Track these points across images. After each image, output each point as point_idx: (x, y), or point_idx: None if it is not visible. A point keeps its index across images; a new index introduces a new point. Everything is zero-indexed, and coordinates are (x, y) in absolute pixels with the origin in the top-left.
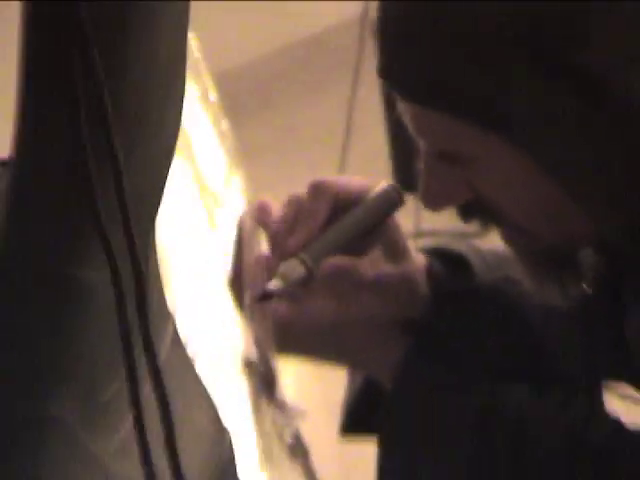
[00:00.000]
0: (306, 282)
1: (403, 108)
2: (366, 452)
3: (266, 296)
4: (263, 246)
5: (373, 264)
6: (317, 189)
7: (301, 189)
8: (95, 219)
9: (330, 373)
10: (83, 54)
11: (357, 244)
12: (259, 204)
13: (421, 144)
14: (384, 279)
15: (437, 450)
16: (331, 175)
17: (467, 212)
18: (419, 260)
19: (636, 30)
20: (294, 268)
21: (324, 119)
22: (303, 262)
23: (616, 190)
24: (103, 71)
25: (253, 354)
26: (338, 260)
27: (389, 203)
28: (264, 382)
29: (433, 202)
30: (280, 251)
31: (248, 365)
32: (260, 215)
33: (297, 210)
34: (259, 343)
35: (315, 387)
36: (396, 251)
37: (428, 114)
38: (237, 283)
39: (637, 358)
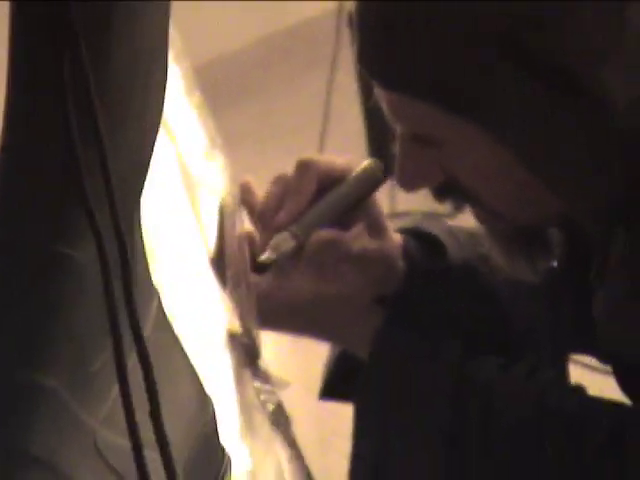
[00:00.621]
0: (297, 253)
1: (379, 93)
2: (345, 422)
3: (260, 267)
4: (245, 225)
5: (358, 238)
6: (304, 167)
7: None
8: (82, 198)
9: (310, 344)
10: (69, 43)
11: (341, 220)
12: (242, 185)
13: (397, 127)
14: (367, 253)
15: (411, 418)
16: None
17: (441, 193)
18: (396, 238)
19: (607, 27)
20: (285, 240)
21: (302, 107)
22: (293, 234)
23: (584, 175)
24: (88, 58)
25: (236, 327)
26: (326, 233)
27: (372, 180)
28: (247, 354)
29: (408, 183)
30: (270, 225)
31: (232, 338)
32: (243, 195)
33: (284, 187)
34: (242, 316)
35: (295, 358)
36: (377, 228)
37: (403, 99)
38: (220, 261)
39: (602, 335)
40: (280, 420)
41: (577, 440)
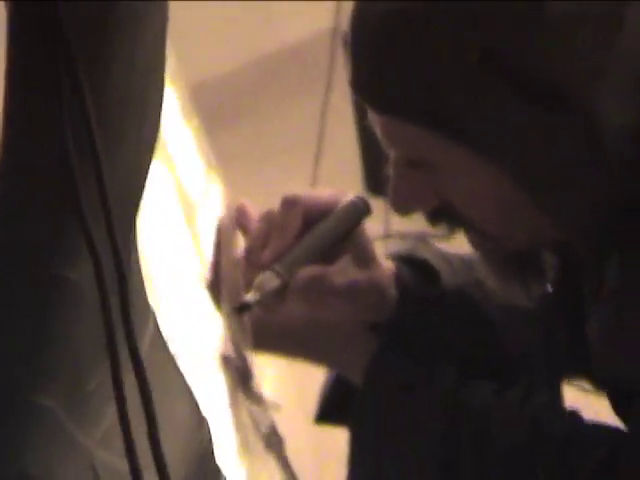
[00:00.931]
0: (281, 292)
1: (373, 117)
2: (341, 444)
3: (243, 307)
4: (241, 248)
5: (343, 271)
6: (289, 203)
7: (274, 197)
8: (78, 217)
9: (305, 367)
10: (66, 58)
11: (328, 254)
12: (238, 207)
13: (390, 151)
14: (354, 285)
15: (405, 444)
16: (304, 185)
17: (435, 217)
18: (387, 266)
19: (599, 47)
20: (269, 279)
21: (297, 128)
22: (277, 273)
23: (573, 196)
24: (85, 76)
25: (230, 350)
26: (310, 269)
27: (357, 213)
28: (241, 377)
29: (402, 207)
30: (255, 264)
31: (225, 361)
32: (239, 218)
33: (270, 224)
34: (235, 340)
35: (291, 381)
36: (365, 258)
37: (396, 123)
38: (215, 284)
39: (597, 358)
40: (273, 441)
41: (569, 466)
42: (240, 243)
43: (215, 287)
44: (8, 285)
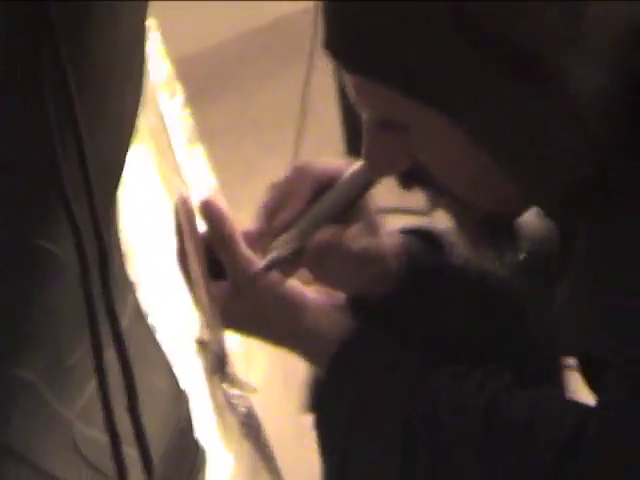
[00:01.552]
0: (297, 255)
1: (347, 78)
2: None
3: (268, 268)
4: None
5: (357, 237)
6: (299, 171)
7: (257, 171)
8: (59, 190)
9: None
10: (48, 35)
11: (338, 221)
12: (205, 201)
13: (363, 112)
14: (366, 252)
15: (369, 430)
16: (285, 160)
17: (407, 180)
18: (393, 237)
19: (572, 13)
20: (284, 244)
21: (280, 103)
22: (292, 238)
23: (546, 168)
24: (67, 51)
25: (205, 334)
26: (326, 233)
27: (365, 180)
28: (217, 360)
29: (375, 169)
30: (268, 231)
31: (201, 344)
32: (206, 208)
33: (281, 193)
34: (210, 323)
35: (280, 366)
36: (372, 227)
37: (367, 84)
38: (184, 265)
39: (562, 329)
40: (251, 426)
41: (528, 453)
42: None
43: (184, 268)
44: None
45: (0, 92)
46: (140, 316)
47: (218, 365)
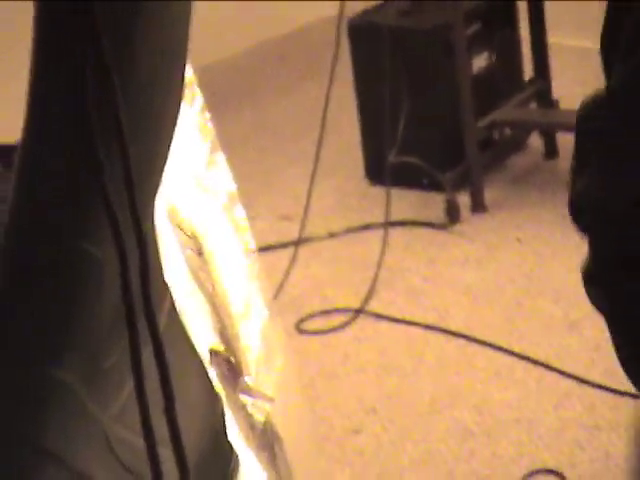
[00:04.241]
0: None
1: None
2: (336, 431)
3: None
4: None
5: None
6: None
7: (277, 181)
8: (102, 193)
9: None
10: (93, 40)
11: None
12: None
13: None
14: None
15: None
16: (305, 171)
17: None
18: None
19: None
20: None
21: (301, 114)
22: None
23: None
24: (113, 55)
25: (220, 343)
26: None
27: None
28: (231, 371)
29: None
30: None
31: (215, 354)
32: None
33: None
34: (224, 332)
35: (296, 372)
36: None
37: None
38: None
39: None
40: (267, 432)
41: None
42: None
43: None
44: (36, 255)
45: (45, 96)
46: (177, 319)
47: (233, 374)
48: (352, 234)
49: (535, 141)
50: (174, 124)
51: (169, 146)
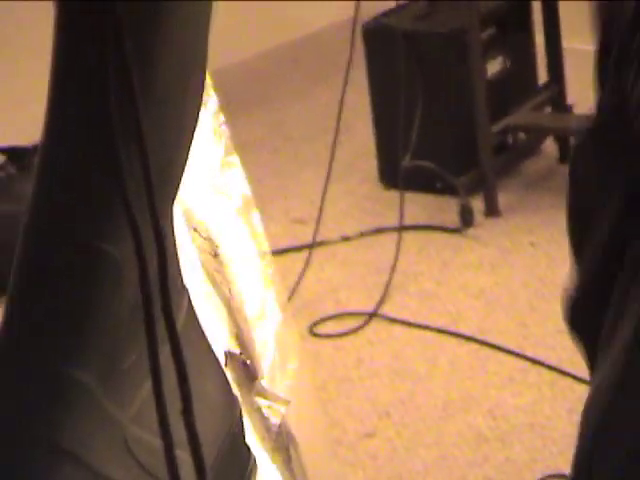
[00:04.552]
0: None
1: None
2: (350, 436)
3: None
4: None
5: None
6: None
7: (291, 184)
8: (121, 193)
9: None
10: (115, 41)
11: None
12: None
13: None
14: None
15: None
16: (319, 175)
17: None
18: None
19: None
20: None
21: (315, 117)
22: None
23: None
24: (134, 55)
25: (235, 346)
26: None
27: None
28: (246, 374)
29: None
30: None
31: (231, 356)
32: None
33: None
34: (240, 335)
35: (311, 374)
36: None
37: None
38: None
39: None
40: (283, 434)
41: None
42: None
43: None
44: (52, 254)
45: (65, 97)
46: (194, 320)
47: (248, 377)
48: (366, 238)
49: (549, 146)
50: (194, 126)
51: (189, 148)
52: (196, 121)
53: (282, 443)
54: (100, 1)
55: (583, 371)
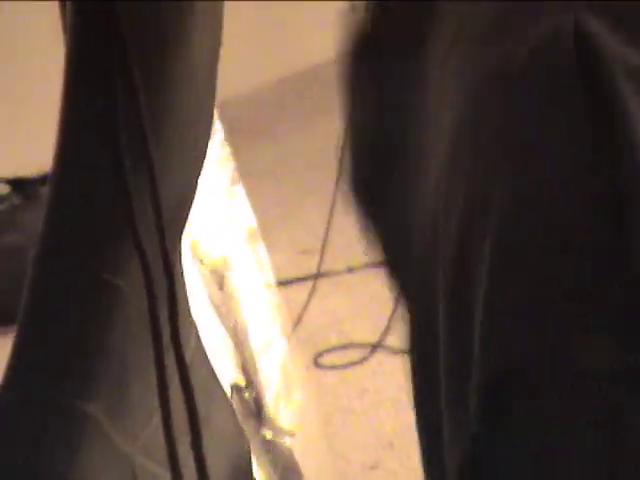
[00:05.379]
0: None
1: None
2: (355, 468)
3: None
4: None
5: None
6: None
7: (296, 215)
8: (130, 226)
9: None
10: (124, 71)
11: None
12: None
13: None
14: None
15: None
16: (323, 205)
17: None
18: None
19: None
20: None
21: (319, 147)
22: None
23: None
24: (143, 88)
25: (241, 380)
26: None
27: None
28: (252, 406)
29: None
30: None
31: (237, 389)
32: None
33: None
34: (245, 366)
35: (316, 405)
36: None
37: None
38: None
39: None
40: (289, 466)
41: None
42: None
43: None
44: (62, 286)
45: (75, 126)
46: (202, 353)
47: (254, 409)
48: (371, 269)
49: None
50: (203, 156)
51: (198, 178)
52: (206, 150)
53: (288, 475)
54: (108, 31)
55: None
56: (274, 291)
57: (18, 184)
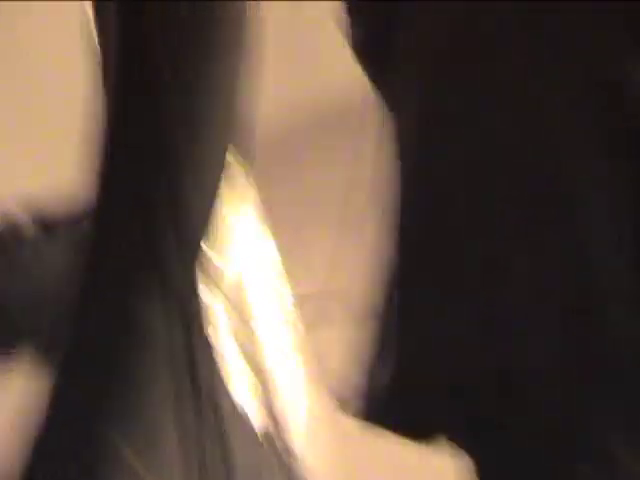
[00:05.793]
0: None
1: None
2: None
3: None
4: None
5: None
6: None
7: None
8: (154, 257)
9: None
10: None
11: None
12: None
13: None
14: None
15: None
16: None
17: None
18: None
19: None
20: None
21: (341, 181)
22: None
23: None
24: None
25: (270, 426)
26: None
27: None
28: (283, 454)
29: None
30: None
31: (266, 438)
32: None
33: None
34: (273, 415)
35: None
36: None
37: None
38: None
39: None
40: None
41: None
42: None
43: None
44: (89, 314)
45: (109, 181)
46: (232, 397)
47: (285, 459)
48: None
49: None
50: (218, 188)
51: (216, 199)
52: (219, 183)
53: None
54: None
55: None
56: (301, 331)
57: (37, 215)
